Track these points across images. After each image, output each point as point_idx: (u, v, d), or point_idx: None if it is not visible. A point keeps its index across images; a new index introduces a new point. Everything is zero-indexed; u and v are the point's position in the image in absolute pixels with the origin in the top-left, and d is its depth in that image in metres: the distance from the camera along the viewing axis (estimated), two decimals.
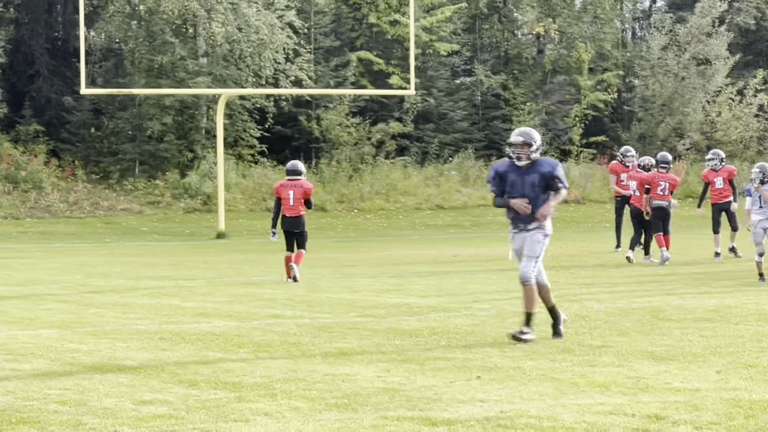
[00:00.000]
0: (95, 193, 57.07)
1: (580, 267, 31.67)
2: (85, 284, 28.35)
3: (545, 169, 16.51)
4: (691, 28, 67.05)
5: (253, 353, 16.59)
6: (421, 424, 11.57)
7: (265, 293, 25.75)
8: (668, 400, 12.56)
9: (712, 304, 21.75)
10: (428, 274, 30.16)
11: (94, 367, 15.52)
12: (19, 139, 58.46)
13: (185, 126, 59.43)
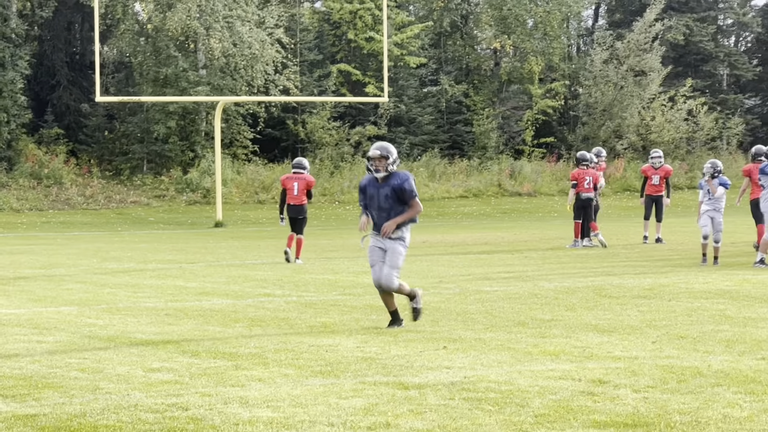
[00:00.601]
0: (108, 188, 57.00)
1: (533, 251, 31.69)
2: (100, 267, 28.30)
3: (396, 182, 15.66)
4: (629, 44, 67.13)
5: (248, 327, 16.58)
6: (395, 388, 11.56)
7: (257, 275, 25.72)
8: (610, 367, 12.58)
9: (648, 283, 21.77)
10: (409, 258, 30.10)
11: (108, 339, 15.50)
12: (42, 141, 58.41)
13: (187, 129, 59.41)
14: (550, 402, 10.75)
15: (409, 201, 15.75)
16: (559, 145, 66.07)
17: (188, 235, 43.84)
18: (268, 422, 10.16)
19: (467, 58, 69.84)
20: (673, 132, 66.09)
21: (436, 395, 11.16)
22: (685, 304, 18.35)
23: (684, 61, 70.92)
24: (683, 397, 10.86)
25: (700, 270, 24.69)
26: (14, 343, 15.03)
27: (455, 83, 67.38)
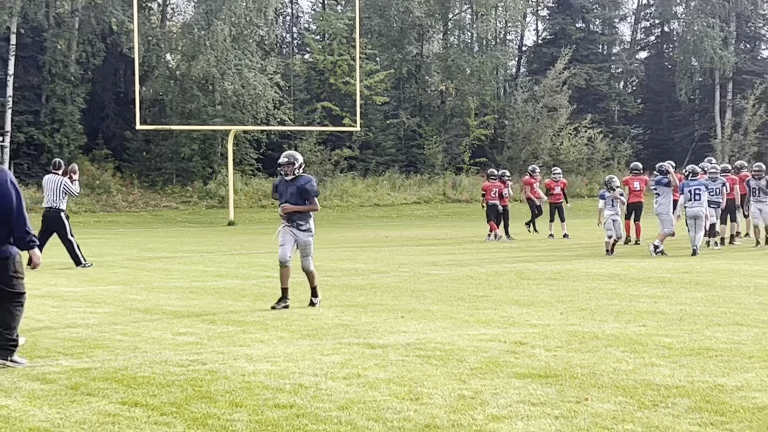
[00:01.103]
0: (146, 196, 56.85)
1: (469, 244, 31.69)
2: (139, 256, 28.18)
3: (300, 183, 15.74)
4: (543, 87, 67.26)
5: (252, 301, 16.59)
6: (364, 347, 11.60)
7: (260, 261, 25.66)
8: (528, 332, 12.60)
9: (557, 268, 21.79)
10: (368, 249, 30.12)
11: (145, 310, 15.46)
12: (94, 159, 58.22)
13: (206, 150, 59.31)
14: (482, 358, 10.77)
15: (309, 198, 15.81)
16: (490, 164, 65.95)
17: (207, 231, 43.75)
18: (267, 373, 10.18)
19: (420, 97, 69.87)
20: (576, 154, 66.26)
21: (396, 353, 11.17)
22: (585, 284, 18.40)
23: (585, 100, 71.11)
24: (583, 355, 10.90)
25: (597, 259, 24.73)
26: (73, 314, 15.00)
27: (411, 117, 67.41)
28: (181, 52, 61.41)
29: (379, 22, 66.27)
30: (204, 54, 57.84)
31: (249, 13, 60.05)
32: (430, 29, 71.48)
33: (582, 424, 7.97)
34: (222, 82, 58.60)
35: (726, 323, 13.17)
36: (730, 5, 73.82)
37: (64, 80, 57.43)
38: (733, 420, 8.02)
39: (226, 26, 58.16)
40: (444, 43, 73.69)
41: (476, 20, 72.54)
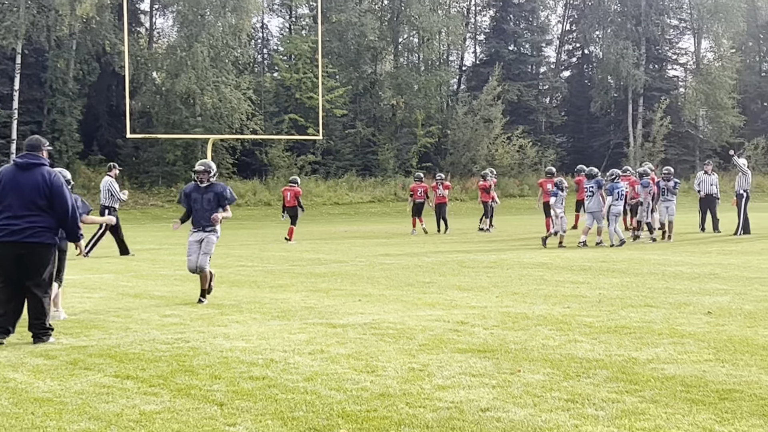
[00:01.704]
0: (136, 196, 56.46)
1: (418, 236, 31.73)
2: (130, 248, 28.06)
3: (217, 190, 14.76)
4: (480, 102, 67.34)
5: (229, 287, 16.53)
6: (327, 327, 11.60)
7: (236, 252, 25.59)
8: (468, 313, 12.63)
9: (493, 258, 21.86)
10: (330, 242, 30.09)
11: (135, 295, 15.41)
12: (90, 164, 57.94)
13: (188, 156, 59.00)
14: (429, 336, 10.79)
15: (225, 205, 14.88)
16: (435, 169, 66.18)
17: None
18: (242, 350, 10.16)
19: (374, 110, 69.78)
20: (509, 159, 66.40)
21: (354, 331, 11.18)
22: (517, 272, 18.46)
23: (517, 112, 71.24)
24: (516, 333, 10.93)
25: (528, 250, 24.82)
26: (71, 299, 14.91)
27: (366, 127, 67.34)
28: (165, 70, 61.11)
29: (339, 45, 66.17)
30: (186, 72, 57.77)
31: (225, 37, 60.00)
32: (383, 51, 71.42)
33: (515, 392, 8.01)
34: (202, 97, 58.39)
35: (638, 305, 13.25)
36: (641, 31, 74.25)
37: (63, 95, 57.15)
38: (645, 388, 8.08)
39: (205, 48, 58.13)
40: (395, 63, 73.63)
41: (422, 44, 72.57)
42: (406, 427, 6.97)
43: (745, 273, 17.55)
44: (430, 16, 68.31)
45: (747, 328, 11.08)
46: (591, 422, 7.03)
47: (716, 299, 13.72)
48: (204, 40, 58.45)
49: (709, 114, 77.62)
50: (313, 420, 7.21)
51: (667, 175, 28.25)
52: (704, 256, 21.92)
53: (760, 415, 7.15)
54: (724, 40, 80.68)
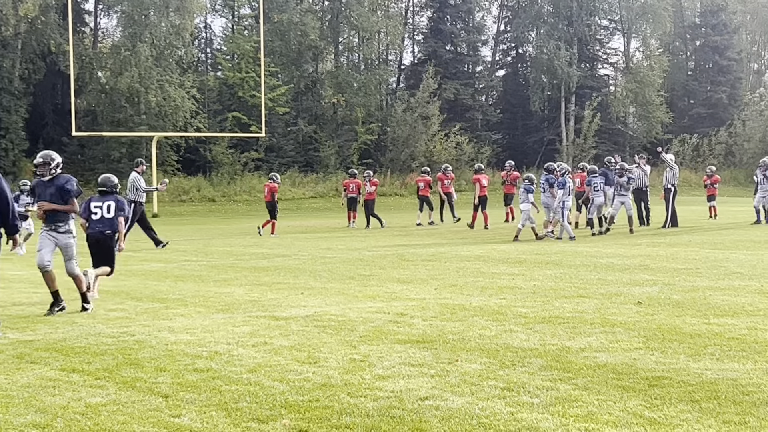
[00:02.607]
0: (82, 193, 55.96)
1: (358, 231, 31.73)
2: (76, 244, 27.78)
3: (60, 183, 13.11)
4: (418, 100, 67.42)
5: (174, 282, 16.40)
6: (270, 320, 11.56)
7: (180, 247, 25.45)
8: (408, 305, 12.64)
9: (432, 251, 21.91)
10: (273, 236, 30.02)
11: None
12: None
13: (133, 153, 58.45)
14: (369, 327, 10.79)
15: (68, 198, 13.15)
16: (375, 165, 66.30)
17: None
18: (187, 343, 10.10)
19: (315, 108, 69.61)
20: (447, 155, 66.50)
21: (297, 324, 11.15)
22: (455, 265, 18.52)
23: (454, 110, 71.37)
24: (454, 324, 10.97)
25: (464, 242, 24.91)
26: (18, 294, 14.76)
27: (308, 124, 67.19)
28: (110, 69, 60.55)
29: (280, 44, 65.94)
30: (130, 71, 57.36)
31: (168, 36, 59.65)
32: (324, 50, 71.30)
33: (453, 381, 8.03)
34: (146, 95, 57.96)
35: (571, 296, 13.35)
36: (573, 31, 74.81)
37: (9, 93, 56.46)
38: (578, 376, 8.14)
39: (148, 47, 57.79)
40: (335, 62, 73.57)
41: (362, 43, 72.60)
42: (348, 416, 6.97)
43: (673, 264, 17.74)
44: (369, 16, 68.32)
45: (675, 317, 11.20)
46: (526, 409, 7.07)
47: (646, 290, 13.85)
48: (148, 40, 58.12)
49: (638, 111, 78.50)
50: (257, 410, 7.19)
51: (620, 171, 27.71)
52: (634, 248, 22.12)
53: (688, 401, 7.23)
54: (652, 40, 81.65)
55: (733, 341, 9.57)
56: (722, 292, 13.36)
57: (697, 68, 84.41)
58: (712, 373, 8.16)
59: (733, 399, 7.26)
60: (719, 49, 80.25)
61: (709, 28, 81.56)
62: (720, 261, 18.22)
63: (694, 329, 10.32)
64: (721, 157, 74.15)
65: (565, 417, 6.85)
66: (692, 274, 15.99)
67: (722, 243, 23.13)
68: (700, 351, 9.12)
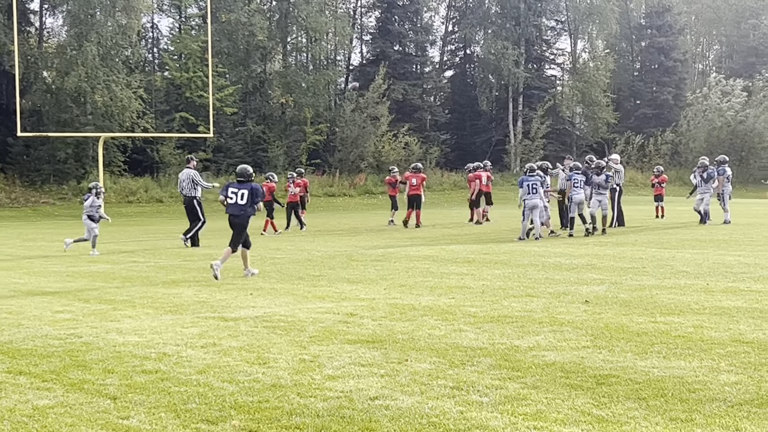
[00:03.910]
0: (27, 193, 55.44)
1: (308, 231, 31.67)
2: (22, 245, 27.52)
3: None
4: (367, 100, 67.43)
5: (122, 283, 16.27)
6: (219, 321, 11.51)
7: (128, 248, 25.26)
8: (357, 305, 12.64)
9: (381, 252, 21.92)
10: (221, 237, 29.81)
11: (27, 292, 15.09)
12: None
13: (80, 154, 58.14)
14: (319, 328, 10.78)
15: None
16: (323, 165, 66.26)
17: (81, 224, 42.66)
18: (135, 344, 10.04)
19: (264, 108, 69.40)
20: (395, 156, 66.60)
21: (246, 324, 11.12)
22: (404, 265, 18.54)
23: (402, 111, 71.49)
24: (403, 323, 10.99)
25: (413, 242, 24.96)
26: None
27: (256, 125, 66.98)
28: (56, 69, 59.99)
29: (228, 44, 65.68)
30: (76, 71, 56.80)
31: (115, 36, 59.16)
32: (272, 51, 71.13)
33: (404, 380, 8.05)
34: (92, 95, 57.48)
35: (520, 295, 13.42)
36: (520, 32, 75.20)
37: None
38: (527, 375, 8.19)
39: (95, 47, 57.24)
40: (284, 62, 73.45)
41: (311, 43, 72.53)
42: (298, 417, 6.96)
43: (620, 263, 17.90)
44: (317, 16, 68.23)
45: (622, 315, 11.30)
46: (476, 408, 7.10)
47: (593, 289, 13.96)
48: (94, 40, 57.55)
49: (584, 112, 79.13)
50: (206, 412, 7.16)
51: (598, 170, 27.37)
52: (581, 247, 22.28)
53: (636, 398, 7.30)
54: (599, 41, 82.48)
55: (679, 339, 9.67)
56: (668, 291, 13.50)
57: (643, 69, 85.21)
58: (659, 371, 8.25)
59: (680, 396, 7.34)
60: (664, 50, 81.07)
61: (654, 29, 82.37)
62: (666, 260, 18.40)
63: (641, 327, 10.42)
64: (667, 157, 74.91)
65: (514, 415, 6.89)
66: (639, 273, 16.14)
67: (668, 242, 23.37)
68: (647, 349, 9.21)
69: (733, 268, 16.67)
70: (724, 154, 39.28)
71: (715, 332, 10.04)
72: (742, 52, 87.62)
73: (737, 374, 8.06)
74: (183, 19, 70.68)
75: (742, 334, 9.88)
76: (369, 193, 62.05)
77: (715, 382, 7.77)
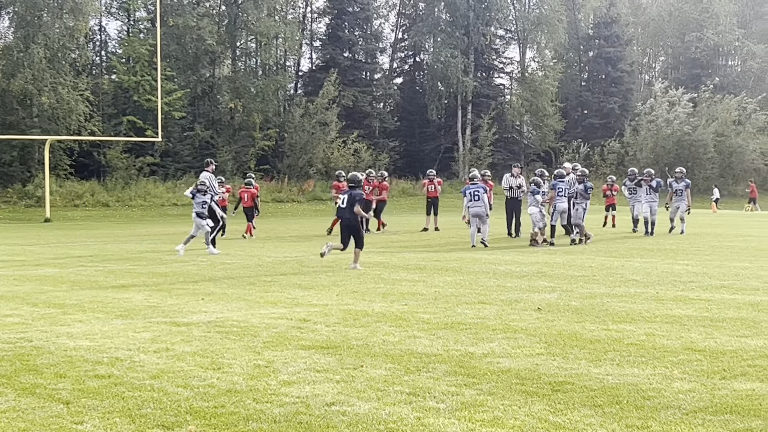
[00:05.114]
0: None
1: (260, 236, 31.57)
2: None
3: None
4: (317, 105, 67.34)
5: (70, 287, 16.11)
6: (171, 325, 11.45)
7: (75, 252, 25.00)
8: (311, 311, 12.62)
9: (332, 258, 21.86)
10: (170, 242, 29.67)
11: None
12: None
13: (25, 157, 57.53)
14: (273, 333, 10.75)
15: None
16: (272, 171, 66.07)
17: (26, 227, 42.34)
18: (87, 348, 9.94)
19: (212, 113, 69.13)
20: (345, 162, 66.52)
21: (199, 329, 11.06)
22: (355, 271, 18.54)
23: (352, 117, 71.49)
24: (357, 329, 10.98)
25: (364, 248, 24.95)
26: None
27: (204, 129, 66.69)
28: (1, 71, 59.24)
29: (177, 48, 65.35)
30: (22, 73, 56.25)
31: (62, 38, 58.63)
32: (221, 55, 70.85)
33: (359, 386, 8.04)
34: (39, 98, 56.95)
35: (472, 302, 13.46)
36: (470, 40, 75.51)
37: None
38: (482, 381, 8.21)
39: (41, 49, 56.68)
40: (233, 67, 73.21)
41: (260, 49, 72.34)
42: (254, 422, 6.93)
43: (570, 271, 18.02)
44: (266, 21, 68.00)
45: (575, 323, 11.37)
46: (433, 414, 7.11)
47: (545, 296, 14.04)
48: (41, 41, 57.00)
49: (532, 120, 79.62)
50: (161, 417, 7.10)
51: (582, 177, 27.34)
52: (531, 255, 22.40)
53: (591, 405, 7.34)
54: (547, 50, 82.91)
55: (632, 347, 9.75)
56: (619, 299, 13.61)
57: (591, 79, 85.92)
58: (613, 378, 8.30)
59: (635, 404, 7.39)
60: (612, 60, 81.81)
61: (602, 39, 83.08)
62: (616, 268, 18.55)
63: (594, 335, 10.49)
64: (613, 166, 75.52)
65: (471, 422, 6.90)
66: (589, 281, 16.26)
67: (617, 251, 23.56)
68: (600, 356, 9.28)
69: (682, 277, 16.85)
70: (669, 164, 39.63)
71: (667, 340, 10.13)
72: (687, 64, 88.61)
73: (690, 382, 8.14)
74: (131, 22, 70.22)
75: (694, 343, 9.98)
76: (318, 199, 61.95)
77: (669, 390, 7.84)
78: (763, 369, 8.66)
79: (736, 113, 77.48)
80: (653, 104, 76.85)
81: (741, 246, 25.12)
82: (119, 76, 65.10)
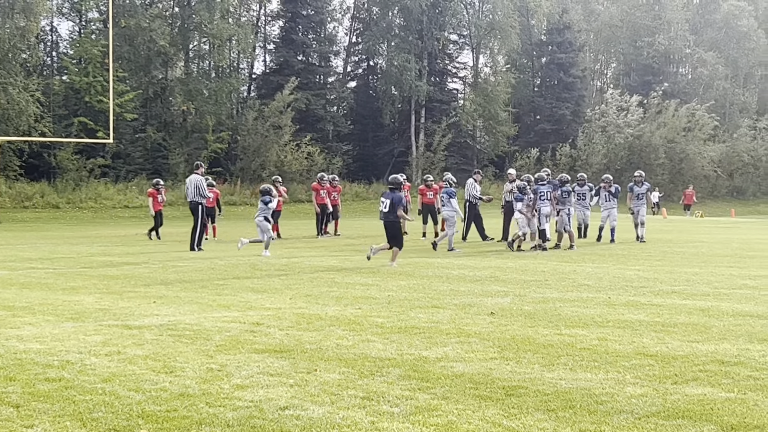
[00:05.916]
0: None
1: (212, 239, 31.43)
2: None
3: None
4: (270, 109, 67.16)
5: (20, 289, 15.94)
6: (123, 329, 11.36)
7: (25, 255, 24.72)
8: (264, 314, 12.58)
9: (284, 261, 21.82)
10: (121, 245, 29.45)
11: None
12: None
13: None
14: (225, 337, 10.69)
15: None
16: (225, 173, 65.81)
17: None
18: (37, 351, 9.83)
19: (164, 115, 68.72)
20: (298, 166, 66.44)
21: (151, 333, 10.97)
22: (308, 275, 18.50)
23: (306, 120, 71.29)
24: (311, 333, 10.95)
25: (317, 252, 24.92)
26: None
27: (156, 131, 66.30)
28: None
29: (129, 50, 64.93)
30: None
31: (13, 39, 58.08)
32: (174, 57, 70.45)
33: (313, 390, 8.01)
34: None
35: (426, 306, 13.47)
36: (423, 45, 75.65)
37: None
38: (436, 385, 8.21)
39: None
40: (185, 69, 72.84)
41: (213, 51, 72.01)
42: (207, 426, 6.88)
43: (523, 276, 18.09)
44: (220, 23, 67.73)
45: (528, 327, 11.41)
46: (387, 419, 7.10)
47: (498, 300, 14.09)
48: None
49: (485, 126, 79.90)
50: (113, 420, 7.04)
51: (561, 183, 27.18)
52: (484, 259, 22.48)
53: (545, 410, 7.37)
54: (500, 56, 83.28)
55: (584, 351, 9.80)
56: (572, 304, 13.68)
57: (543, 85, 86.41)
58: (567, 382, 8.34)
59: (588, 408, 7.43)
60: (564, 66, 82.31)
61: (554, 45, 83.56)
62: (568, 273, 18.66)
63: (547, 339, 10.53)
64: (564, 172, 75.98)
65: (425, 426, 6.90)
66: (542, 285, 16.33)
67: (569, 256, 23.70)
68: (553, 361, 9.31)
69: (633, 282, 16.99)
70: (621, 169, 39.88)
71: (619, 345, 10.20)
72: (639, 70, 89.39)
73: (643, 387, 8.19)
74: (83, 23, 69.69)
75: (646, 347, 10.05)
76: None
77: (621, 395, 7.89)
78: (713, 374, 8.73)
79: (686, 120, 78.30)
80: (604, 110, 77.43)
81: (691, 252, 25.37)
82: (71, 77, 64.58)
